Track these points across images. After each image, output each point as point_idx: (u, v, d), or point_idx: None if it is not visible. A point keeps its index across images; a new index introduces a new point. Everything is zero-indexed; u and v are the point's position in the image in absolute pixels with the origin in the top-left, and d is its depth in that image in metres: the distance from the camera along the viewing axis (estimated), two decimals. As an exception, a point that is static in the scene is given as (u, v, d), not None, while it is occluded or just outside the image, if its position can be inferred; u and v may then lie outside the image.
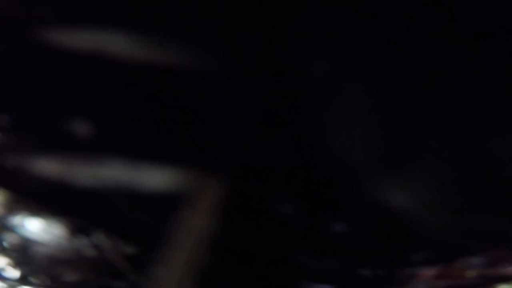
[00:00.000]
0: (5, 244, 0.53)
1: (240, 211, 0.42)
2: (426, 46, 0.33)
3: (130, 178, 0.41)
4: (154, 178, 0.41)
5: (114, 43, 0.36)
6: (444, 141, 0.35)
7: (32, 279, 0.55)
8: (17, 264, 0.54)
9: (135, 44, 0.36)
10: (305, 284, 0.49)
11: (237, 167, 0.40)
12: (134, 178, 0.41)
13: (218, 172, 0.40)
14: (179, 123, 0.39)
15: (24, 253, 0.53)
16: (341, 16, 0.33)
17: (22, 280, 0.55)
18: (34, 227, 0.51)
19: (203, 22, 0.35)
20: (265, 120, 0.38)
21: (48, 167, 0.43)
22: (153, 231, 0.43)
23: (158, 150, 0.41)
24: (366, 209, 0.39)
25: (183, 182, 0.41)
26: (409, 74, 0.34)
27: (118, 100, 0.39)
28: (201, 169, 0.40)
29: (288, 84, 0.36)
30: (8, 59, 0.39)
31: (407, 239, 0.42)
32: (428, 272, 0.47)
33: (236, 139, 0.39)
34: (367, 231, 0.42)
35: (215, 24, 0.35)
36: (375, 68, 0.34)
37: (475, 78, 0.33)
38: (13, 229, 0.51)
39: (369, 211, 0.39)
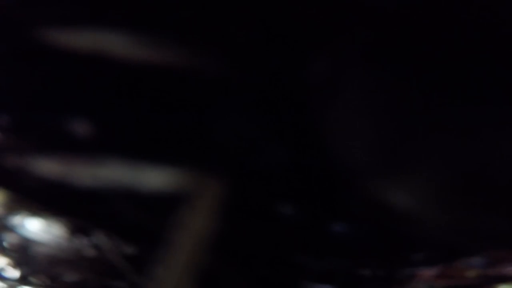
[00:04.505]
0: (5, 244, 0.53)
1: (240, 212, 0.42)
2: (427, 46, 0.33)
3: (130, 178, 0.41)
4: (154, 178, 0.41)
5: (114, 43, 0.36)
6: (444, 141, 0.35)
7: (32, 279, 0.55)
8: (17, 264, 0.54)
9: (135, 44, 0.36)
10: (306, 284, 0.49)
11: (237, 167, 0.40)
12: (134, 178, 0.41)
13: (218, 172, 0.40)
14: (179, 123, 0.39)
15: (24, 253, 0.53)
16: (341, 16, 0.33)
17: (22, 280, 0.55)
18: (34, 227, 0.51)
19: (203, 22, 0.35)
20: (265, 120, 0.38)
21: (48, 167, 0.43)
22: (153, 231, 0.43)
23: (158, 150, 0.41)
24: (366, 209, 0.39)
25: (183, 182, 0.41)
26: (409, 74, 0.34)
27: (118, 100, 0.39)
28: (201, 169, 0.40)
29: (288, 84, 0.36)
30: (8, 59, 0.39)
31: (407, 239, 0.42)
32: (428, 272, 0.47)
33: (236, 139, 0.39)
34: (367, 231, 0.42)
35: (215, 24, 0.35)
36: (375, 68, 0.34)
37: (475, 78, 0.33)
38: (13, 229, 0.52)
39: (369, 211, 0.39)
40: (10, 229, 0.52)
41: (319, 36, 0.34)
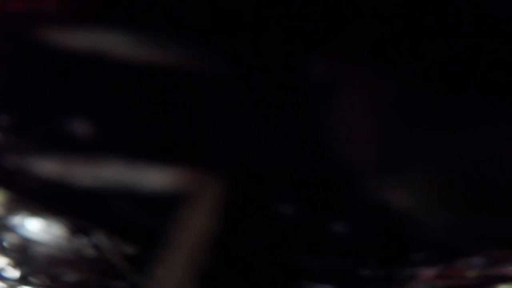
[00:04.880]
0: (5, 244, 0.53)
1: (240, 211, 0.42)
2: (427, 46, 0.33)
3: (130, 178, 0.41)
4: (154, 178, 0.41)
5: (114, 43, 0.36)
6: (445, 141, 0.35)
7: (32, 279, 0.55)
8: (17, 264, 0.54)
9: (135, 44, 0.36)
10: (305, 284, 0.49)
11: (237, 167, 0.40)
12: (134, 178, 0.41)
13: (218, 172, 0.40)
14: (179, 123, 0.39)
15: (24, 253, 0.53)
16: (341, 16, 0.33)
17: (22, 280, 0.55)
18: (34, 227, 0.51)
19: (203, 22, 0.35)
20: (265, 120, 0.38)
21: (48, 167, 0.43)
22: (153, 231, 0.43)
23: (158, 150, 0.41)
24: (366, 209, 0.39)
25: (183, 182, 0.41)
26: (409, 74, 0.34)
27: (118, 100, 0.39)
28: (201, 169, 0.40)
29: (288, 84, 0.36)
30: (8, 59, 0.39)
31: (407, 239, 0.42)
32: (428, 272, 0.47)
33: (236, 139, 0.39)
34: (367, 231, 0.42)
35: (214, 24, 0.35)
36: (375, 68, 0.34)
37: (476, 78, 0.33)
38: (13, 229, 0.51)
39: (369, 211, 0.39)
40: (10, 229, 0.52)
41: (320, 36, 0.34)
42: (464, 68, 0.33)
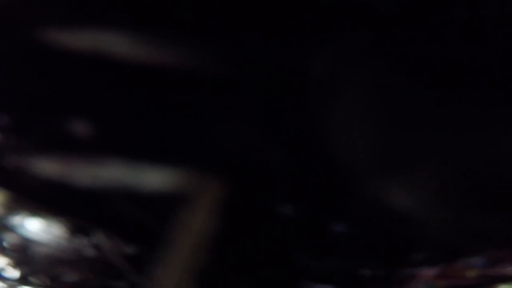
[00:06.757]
0: (5, 244, 0.53)
1: (240, 211, 0.42)
2: (426, 46, 0.33)
3: (130, 178, 0.41)
4: (154, 178, 0.41)
5: (114, 43, 0.36)
6: (444, 141, 0.35)
7: (32, 279, 0.55)
8: (17, 264, 0.54)
9: (135, 44, 0.36)
10: (305, 284, 0.49)
11: (237, 167, 0.40)
12: (134, 178, 0.41)
13: (218, 172, 0.40)
14: (179, 123, 0.39)
15: (24, 253, 0.53)
16: (341, 16, 0.33)
17: (22, 280, 0.55)
18: (34, 227, 0.51)
19: (203, 22, 0.35)
20: (265, 120, 0.38)
21: (48, 167, 0.43)
22: (153, 231, 0.43)
23: (158, 150, 0.41)
24: (366, 209, 0.39)
25: (183, 182, 0.41)
26: (409, 74, 0.34)
27: (118, 100, 0.39)
28: (201, 169, 0.40)
29: (288, 84, 0.36)
30: (8, 59, 0.39)
31: (407, 239, 0.42)
32: (428, 272, 0.47)
33: (236, 139, 0.39)
34: (367, 231, 0.42)
35: (214, 24, 0.35)
36: (375, 68, 0.34)
37: (475, 78, 0.33)
38: (13, 229, 0.51)
39: (369, 211, 0.39)
40: (10, 229, 0.52)
41: (319, 35, 0.34)
42: (464, 68, 0.33)
